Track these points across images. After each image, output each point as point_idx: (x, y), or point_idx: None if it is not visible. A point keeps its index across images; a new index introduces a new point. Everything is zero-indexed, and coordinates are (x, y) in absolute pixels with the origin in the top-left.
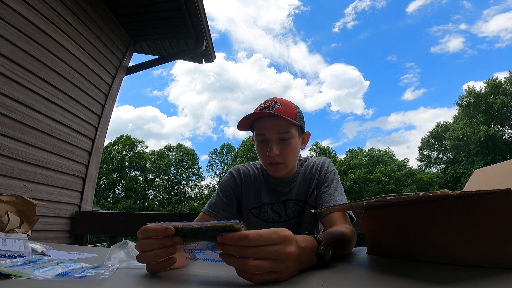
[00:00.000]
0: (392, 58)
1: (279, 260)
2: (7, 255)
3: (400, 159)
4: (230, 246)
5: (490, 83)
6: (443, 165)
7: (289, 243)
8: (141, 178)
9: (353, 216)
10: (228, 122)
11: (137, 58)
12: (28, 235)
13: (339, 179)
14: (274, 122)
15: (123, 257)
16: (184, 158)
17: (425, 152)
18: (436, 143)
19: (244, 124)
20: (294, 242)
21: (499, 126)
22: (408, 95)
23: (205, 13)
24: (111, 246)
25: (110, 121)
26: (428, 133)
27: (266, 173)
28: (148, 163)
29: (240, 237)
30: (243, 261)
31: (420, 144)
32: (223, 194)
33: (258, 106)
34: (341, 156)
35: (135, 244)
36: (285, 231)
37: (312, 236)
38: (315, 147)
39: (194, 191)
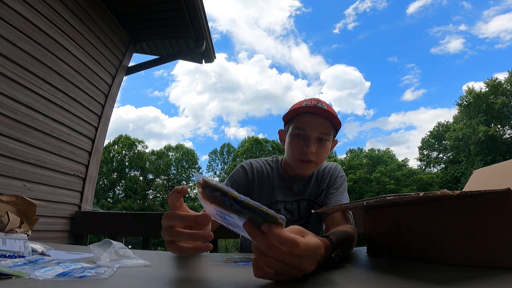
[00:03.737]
0: (393, 59)
1: (293, 268)
2: (7, 255)
3: (400, 159)
4: (267, 238)
5: (489, 83)
6: (443, 165)
7: (316, 260)
8: (141, 178)
9: (353, 222)
10: (229, 123)
11: (137, 58)
12: (28, 235)
13: (347, 186)
14: (318, 120)
15: (113, 257)
16: (184, 158)
17: (425, 152)
18: (436, 143)
19: (288, 114)
20: (320, 259)
21: (499, 126)
22: (408, 95)
23: (205, 13)
24: (91, 246)
25: (110, 121)
26: (428, 133)
27: (281, 171)
28: (148, 163)
29: (288, 241)
30: (261, 255)
31: (420, 144)
32: (233, 188)
33: (302, 101)
34: (341, 156)
35: (117, 242)
36: (322, 249)
37: (330, 242)
38: None
39: (194, 191)
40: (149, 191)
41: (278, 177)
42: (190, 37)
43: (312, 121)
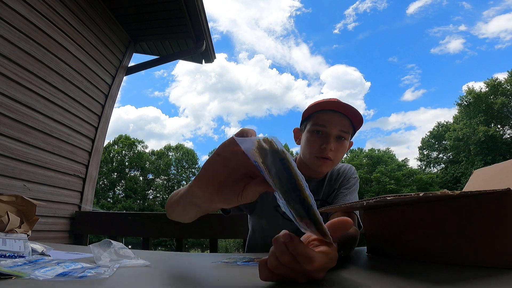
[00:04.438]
0: (393, 59)
1: (302, 276)
2: (7, 255)
3: (400, 159)
4: (283, 245)
5: (489, 83)
6: (443, 165)
7: (327, 269)
8: (141, 178)
9: (361, 224)
10: (229, 123)
11: (137, 58)
12: (28, 235)
13: (358, 187)
14: (338, 118)
15: (113, 257)
16: (184, 158)
17: (425, 152)
18: (436, 143)
19: (308, 110)
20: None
21: (499, 126)
22: (408, 95)
23: (205, 13)
24: (91, 246)
25: (110, 121)
26: (428, 133)
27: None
28: (148, 163)
29: (303, 256)
30: (273, 257)
31: (420, 144)
32: None
33: (322, 100)
34: None
35: (117, 242)
36: (335, 261)
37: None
38: None
39: None
40: (149, 191)
41: None
42: (190, 37)
43: (332, 118)
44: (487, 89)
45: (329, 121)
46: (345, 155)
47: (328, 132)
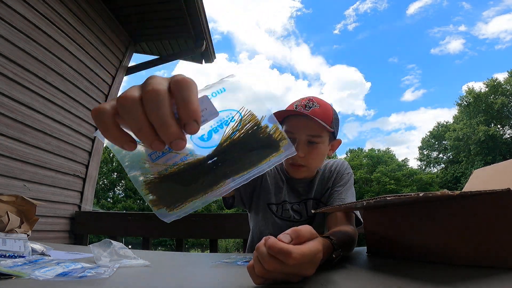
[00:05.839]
0: (393, 60)
1: (292, 275)
2: (7, 255)
3: (400, 159)
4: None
5: (489, 83)
6: (443, 165)
7: (315, 265)
8: None
9: (361, 219)
10: None
11: (137, 58)
12: (28, 235)
13: (353, 182)
14: (306, 122)
15: (113, 257)
16: None
17: (425, 152)
18: (436, 143)
19: (276, 116)
20: (318, 264)
21: (499, 126)
22: (408, 95)
23: (205, 13)
24: (91, 246)
25: None
26: (429, 133)
27: (285, 172)
28: None
29: (280, 251)
30: (257, 262)
31: (420, 144)
32: None
33: (294, 103)
34: (341, 156)
35: (117, 242)
36: (320, 253)
37: (331, 243)
38: None
39: None
40: None
41: (284, 178)
42: (190, 37)
43: (299, 124)
44: (487, 89)
45: (296, 127)
46: (344, 155)
47: (296, 138)
